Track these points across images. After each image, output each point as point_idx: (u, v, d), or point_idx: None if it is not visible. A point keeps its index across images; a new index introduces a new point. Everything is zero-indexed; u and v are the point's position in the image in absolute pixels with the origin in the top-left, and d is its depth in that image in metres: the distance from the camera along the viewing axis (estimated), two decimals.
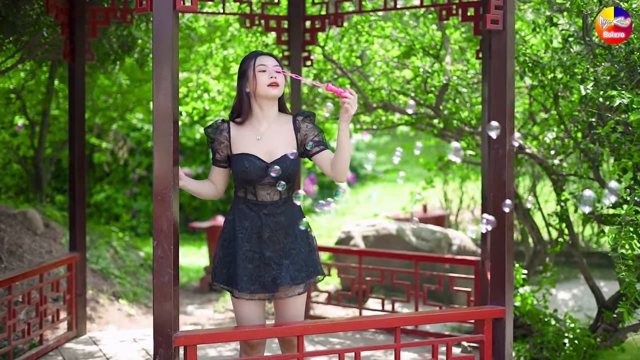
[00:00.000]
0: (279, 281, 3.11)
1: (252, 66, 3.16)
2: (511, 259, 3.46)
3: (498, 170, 3.43)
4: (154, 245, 2.89)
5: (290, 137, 3.20)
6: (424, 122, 5.56)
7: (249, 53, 3.26)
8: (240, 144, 3.19)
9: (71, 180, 4.87)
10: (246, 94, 3.19)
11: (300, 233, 3.19)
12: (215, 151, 3.24)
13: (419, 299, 5.08)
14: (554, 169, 5.35)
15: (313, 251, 3.24)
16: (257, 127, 3.21)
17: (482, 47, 4.67)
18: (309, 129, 3.20)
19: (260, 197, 3.17)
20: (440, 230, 6.82)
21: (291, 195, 3.22)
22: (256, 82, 3.14)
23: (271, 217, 3.15)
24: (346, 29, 5.75)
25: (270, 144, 3.17)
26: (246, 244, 3.15)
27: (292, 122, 3.22)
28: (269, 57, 3.20)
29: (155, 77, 2.89)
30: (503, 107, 3.38)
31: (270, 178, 3.12)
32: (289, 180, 3.17)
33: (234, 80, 6.32)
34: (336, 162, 3.09)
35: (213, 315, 6.48)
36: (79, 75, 4.84)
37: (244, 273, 3.13)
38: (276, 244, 3.15)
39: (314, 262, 3.22)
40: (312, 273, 3.21)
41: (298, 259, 3.15)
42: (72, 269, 4.85)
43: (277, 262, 3.14)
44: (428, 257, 5.27)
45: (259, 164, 3.13)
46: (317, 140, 3.19)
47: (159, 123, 2.89)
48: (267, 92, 3.14)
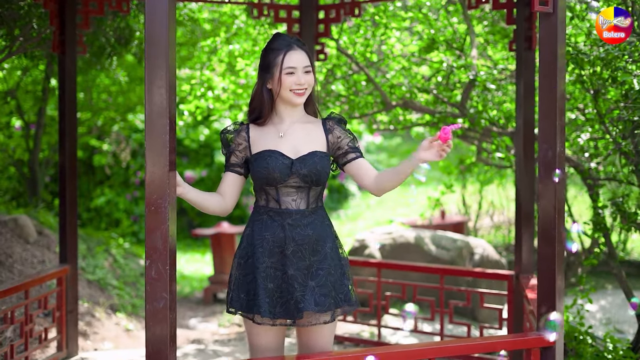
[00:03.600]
0: (302, 305, 2.62)
1: (279, 65, 2.69)
2: (562, 277, 2.99)
3: (547, 175, 2.95)
4: (147, 264, 2.43)
5: (320, 138, 2.76)
6: (449, 122, 5.08)
7: (277, 38, 2.75)
8: (261, 143, 2.74)
9: (61, 184, 4.42)
10: (268, 91, 2.74)
11: (330, 251, 2.71)
12: (231, 153, 2.77)
13: (444, 316, 4.58)
14: (590, 173, 4.89)
15: (345, 276, 2.74)
16: (279, 125, 2.76)
17: (515, 38, 4.20)
18: (343, 133, 2.77)
19: (284, 204, 2.70)
20: (461, 239, 6.34)
21: (319, 205, 2.76)
22: (281, 85, 2.69)
23: (296, 228, 2.68)
24: (362, 20, 5.28)
25: (295, 140, 2.73)
26: (267, 259, 2.67)
27: (322, 125, 2.79)
28: (300, 53, 2.71)
29: (148, 66, 2.44)
30: (553, 101, 2.90)
31: (297, 177, 2.67)
32: (317, 183, 2.70)
33: (240, 77, 5.85)
34: (386, 181, 2.68)
35: (217, 330, 6.02)
36: (70, 69, 4.39)
37: (266, 294, 2.64)
38: (301, 261, 2.67)
39: (345, 289, 2.72)
40: (342, 301, 2.70)
41: (326, 281, 2.66)
42: (62, 283, 4.39)
43: (300, 283, 2.65)
44: (455, 270, 4.78)
45: (283, 160, 2.67)
46: (352, 146, 2.75)
47: (153, 120, 2.44)
48: (290, 99, 2.71)
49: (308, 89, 2.72)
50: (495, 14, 5.45)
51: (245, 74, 5.63)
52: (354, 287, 4.97)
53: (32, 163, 7.60)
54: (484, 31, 5.61)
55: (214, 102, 5.64)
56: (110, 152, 10.16)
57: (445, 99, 4.99)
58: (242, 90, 5.63)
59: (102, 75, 8.06)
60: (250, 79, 5.59)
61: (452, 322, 4.46)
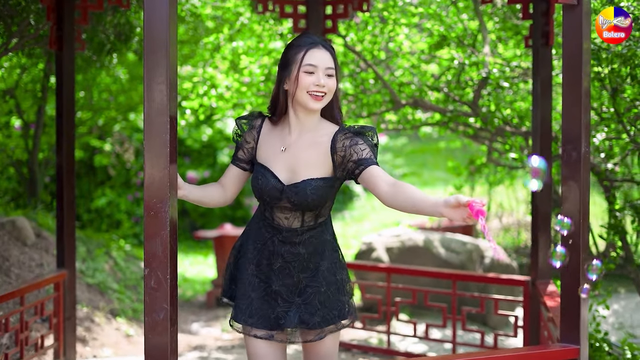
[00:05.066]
0: (283, 322, 2.48)
1: (298, 62, 2.45)
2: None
3: (570, 177, 2.77)
4: (145, 273, 2.26)
5: (324, 158, 2.48)
6: (460, 121, 4.91)
7: (302, 36, 2.52)
8: (264, 150, 2.55)
9: (59, 186, 4.25)
10: (284, 91, 2.51)
11: (325, 269, 2.53)
12: (240, 148, 2.60)
13: (457, 322, 4.40)
14: (607, 174, 4.71)
15: (341, 291, 2.56)
16: (287, 135, 2.53)
17: (532, 34, 4.03)
18: (348, 148, 2.45)
19: (277, 220, 2.53)
20: (470, 241, 6.16)
21: (318, 222, 2.55)
22: (297, 85, 2.44)
23: (286, 245, 2.51)
24: (370, 16, 5.11)
25: (294, 161, 2.49)
26: (253, 266, 2.54)
27: (331, 142, 2.48)
28: (323, 51, 2.47)
29: (148, 60, 2.27)
30: (578, 98, 2.73)
31: (287, 202, 2.48)
32: (311, 210, 2.49)
33: (244, 75, 5.68)
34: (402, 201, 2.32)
35: (221, 335, 5.85)
36: (68, 67, 4.22)
37: (243, 301, 2.52)
38: (288, 278, 2.51)
39: (340, 304, 2.54)
40: (335, 318, 2.53)
41: (314, 299, 2.50)
42: (59, 288, 4.23)
43: (285, 299, 2.51)
44: (469, 276, 4.60)
45: (274, 183, 2.48)
46: (356, 160, 2.43)
47: (152, 118, 2.27)
48: (306, 102, 2.45)
49: (328, 95, 2.47)
50: (506, 9, 5.28)
51: (250, 72, 5.46)
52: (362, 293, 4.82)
53: (31, 163, 7.44)
54: (494, 28, 5.43)
55: (217, 101, 5.47)
56: (113, 152, 10.00)
57: (456, 97, 4.81)
58: (246, 89, 5.46)
59: (102, 74, 7.89)
60: (255, 77, 5.42)
61: (465, 329, 4.28)
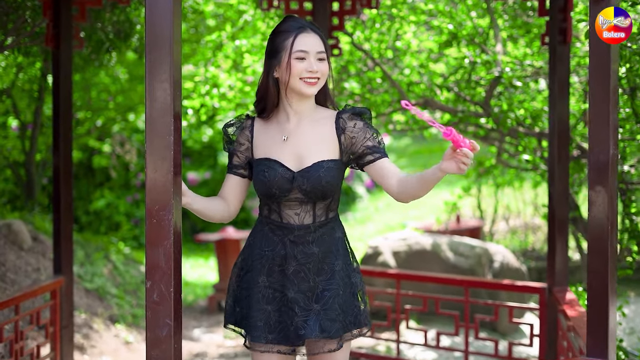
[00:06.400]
0: (303, 332, 2.29)
1: (287, 49, 2.31)
2: (614, 295, 2.66)
3: (598, 182, 2.61)
4: (147, 286, 2.10)
5: (330, 140, 2.36)
6: (472, 122, 4.74)
7: (287, 20, 2.38)
8: (263, 145, 2.39)
9: (56, 188, 4.07)
10: (274, 80, 2.37)
11: (339, 269, 2.36)
12: (234, 154, 2.43)
13: (469, 331, 4.23)
14: (623, 176, 4.55)
15: (355, 296, 2.40)
16: (285, 123, 2.39)
17: (548, 31, 3.87)
18: (359, 130, 2.35)
19: (286, 218, 2.36)
20: (479, 245, 6.00)
21: (330, 218, 2.39)
22: (290, 72, 2.31)
23: (299, 245, 2.34)
24: (378, 13, 4.94)
25: (300, 146, 2.35)
26: (265, 277, 2.36)
27: (335, 121, 2.37)
28: (313, 35, 2.34)
29: (150, 56, 2.10)
30: (606, 96, 2.56)
31: (298, 192, 2.33)
32: (324, 197, 2.34)
33: (247, 74, 5.51)
34: (410, 187, 2.25)
35: (223, 342, 5.68)
36: (65, 65, 4.05)
37: (260, 316, 2.33)
38: (303, 282, 2.34)
39: (356, 310, 2.38)
40: (351, 325, 2.37)
41: (333, 303, 2.32)
42: (56, 296, 4.05)
43: (302, 307, 2.32)
44: (482, 282, 4.43)
45: (283, 173, 2.32)
46: (371, 146, 2.34)
47: (154, 119, 2.10)
48: (300, 89, 2.33)
49: (321, 79, 2.35)
50: (517, 7, 5.12)
51: (253, 71, 5.29)
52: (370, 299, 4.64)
53: (28, 165, 7.29)
54: (504, 25, 5.27)
55: (219, 101, 5.30)
56: (112, 153, 9.83)
57: (467, 97, 4.65)
58: (249, 88, 5.29)
59: (101, 74, 7.74)
60: (258, 76, 5.24)
61: (478, 337, 4.12)
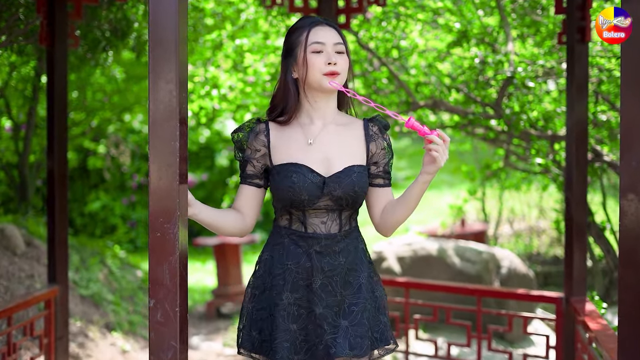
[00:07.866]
0: (333, 350, 2.12)
1: (302, 43, 2.19)
2: None
3: (631, 189, 2.44)
4: (151, 305, 1.92)
5: (359, 145, 2.24)
6: (482, 124, 4.58)
7: (302, 18, 2.26)
8: (285, 151, 2.21)
9: (50, 192, 3.89)
10: (293, 80, 2.22)
11: (365, 282, 2.21)
12: (248, 162, 2.25)
13: (482, 342, 4.07)
14: None
15: (381, 310, 2.25)
16: (309, 126, 2.23)
17: (565, 29, 3.71)
18: (385, 149, 2.28)
19: (312, 227, 2.19)
20: (486, 250, 5.84)
21: (353, 227, 2.25)
22: (307, 67, 2.17)
23: (326, 257, 2.17)
24: (384, 11, 4.77)
25: (328, 149, 2.20)
26: (289, 294, 2.18)
27: (364, 128, 2.26)
28: (327, 28, 2.21)
29: (153, 55, 1.93)
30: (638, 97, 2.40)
31: (328, 199, 2.17)
32: (354, 204, 2.20)
33: (248, 74, 5.34)
34: (393, 215, 2.21)
35: (223, 350, 5.51)
36: (60, 64, 3.88)
37: (285, 337, 2.15)
38: (330, 296, 2.17)
39: (381, 326, 2.24)
40: (378, 341, 2.22)
41: (362, 319, 2.17)
42: (50, 306, 3.88)
43: (331, 323, 2.15)
44: (496, 292, 4.26)
45: (313, 178, 2.15)
46: (387, 171, 2.29)
47: (159, 123, 1.92)
48: (320, 83, 2.18)
49: (342, 75, 2.19)
50: (527, 5, 4.96)
51: (254, 71, 5.12)
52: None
53: (22, 166, 7.09)
54: (514, 24, 5.11)
55: (219, 102, 5.12)
56: (107, 155, 9.64)
57: (478, 98, 4.49)
58: (250, 89, 5.11)
59: (97, 73, 7.55)
60: (260, 77, 5.07)
61: (491, 349, 3.96)
